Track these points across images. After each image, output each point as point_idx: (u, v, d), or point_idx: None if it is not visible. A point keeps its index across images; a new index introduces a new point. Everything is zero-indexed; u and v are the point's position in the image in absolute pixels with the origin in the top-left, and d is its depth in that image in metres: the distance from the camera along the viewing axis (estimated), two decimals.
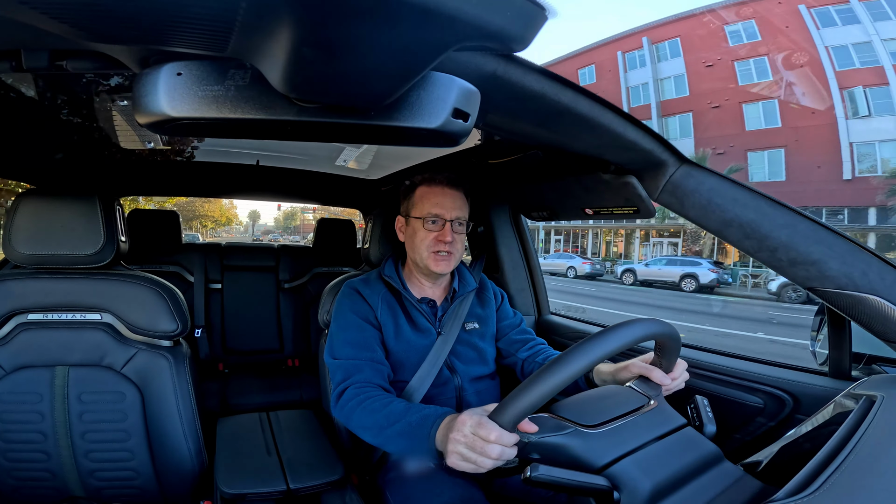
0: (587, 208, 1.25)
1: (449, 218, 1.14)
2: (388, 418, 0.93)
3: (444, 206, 1.14)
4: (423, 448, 0.85)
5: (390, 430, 0.92)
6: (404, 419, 0.91)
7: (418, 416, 0.89)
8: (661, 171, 0.92)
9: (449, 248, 1.13)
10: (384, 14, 0.32)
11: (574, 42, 55.51)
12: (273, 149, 2.04)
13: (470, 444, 0.74)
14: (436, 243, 1.13)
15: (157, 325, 1.13)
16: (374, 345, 1.11)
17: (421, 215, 1.14)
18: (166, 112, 0.44)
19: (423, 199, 1.15)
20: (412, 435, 0.87)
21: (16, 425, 1.09)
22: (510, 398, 0.70)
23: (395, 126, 0.51)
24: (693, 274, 15.81)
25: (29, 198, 1.06)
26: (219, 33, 0.38)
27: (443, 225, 1.13)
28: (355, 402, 1.00)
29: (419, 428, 0.87)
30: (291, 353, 2.50)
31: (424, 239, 1.14)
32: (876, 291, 0.75)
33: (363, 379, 1.05)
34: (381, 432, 0.94)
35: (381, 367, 1.09)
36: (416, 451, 0.87)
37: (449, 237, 1.13)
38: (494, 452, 0.71)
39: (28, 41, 0.54)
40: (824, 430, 0.70)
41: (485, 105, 0.56)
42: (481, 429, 0.72)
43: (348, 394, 1.03)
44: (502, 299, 1.34)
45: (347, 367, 1.07)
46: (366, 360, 1.08)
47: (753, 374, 1.11)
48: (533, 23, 0.38)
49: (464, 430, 0.75)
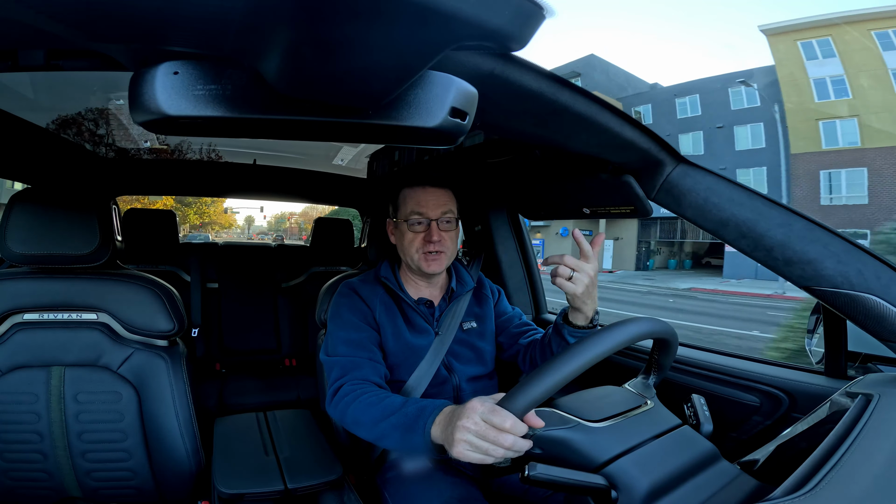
0: (585, 207, 1.25)
1: (434, 217, 1.12)
2: (383, 412, 0.91)
3: (427, 206, 1.12)
4: (418, 440, 0.82)
5: (385, 423, 0.89)
6: (400, 411, 0.88)
7: (415, 408, 0.87)
8: (658, 170, 0.93)
9: (439, 248, 1.11)
10: (382, 13, 0.32)
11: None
12: (270, 148, 2.04)
13: (481, 433, 0.70)
14: (424, 244, 1.11)
15: (153, 324, 1.13)
16: (371, 345, 1.10)
17: (405, 217, 1.13)
18: (163, 111, 0.44)
19: (406, 201, 1.14)
20: (408, 427, 0.85)
21: (12, 426, 1.08)
22: (521, 386, 0.70)
23: (393, 125, 0.51)
24: None
25: (24, 197, 1.05)
26: (216, 32, 0.38)
27: (428, 225, 1.12)
28: (351, 397, 0.99)
29: (416, 420, 0.84)
30: (289, 353, 2.50)
31: (413, 241, 1.12)
32: (872, 290, 0.75)
33: (360, 376, 1.04)
34: (375, 426, 0.91)
35: (378, 366, 1.08)
36: (412, 443, 0.84)
37: (436, 236, 1.11)
38: (507, 441, 0.68)
39: (24, 40, 0.54)
40: (820, 428, 0.70)
41: (482, 104, 0.56)
42: (495, 416, 0.69)
43: (344, 390, 1.02)
44: (499, 295, 1.34)
45: (344, 363, 1.06)
46: (363, 358, 1.07)
47: (750, 372, 1.11)
48: (531, 22, 0.38)
49: (474, 417, 0.71)
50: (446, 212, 1.13)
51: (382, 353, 1.13)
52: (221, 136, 0.51)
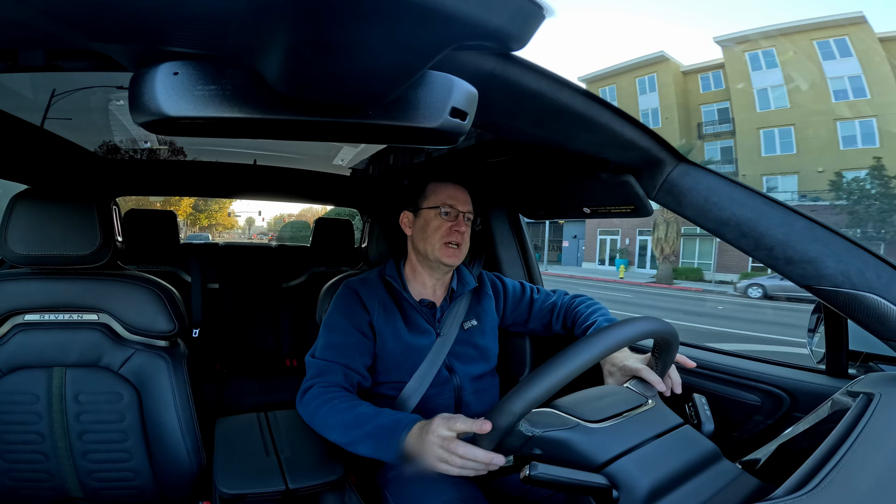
0: (585, 207, 1.25)
1: (463, 210, 1.17)
2: (357, 420, 0.95)
3: (457, 199, 1.18)
4: (391, 451, 0.88)
5: (359, 430, 0.94)
6: (374, 422, 0.93)
7: (390, 420, 0.92)
8: (658, 169, 0.93)
9: (460, 240, 1.16)
10: (382, 13, 0.32)
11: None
12: (270, 148, 2.04)
13: (445, 458, 0.79)
14: (449, 233, 1.15)
15: (154, 325, 1.13)
16: (354, 352, 1.11)
17: (436, 205, 1.17)
18: (163, 111, 0.44)
19: (437, 192, 1.19)
20: (382, 437, 0.90)
21: (13, 426, 1.08)
22: (504, 400, 0.70)
23: (393, 125, 0.51)
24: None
25: (25, 198, 1.05)
26: (216, 32, 0.38)
27: (456, 215, 1.16)
28: (321, 399, 1.02)
29: (390, 431, 0.89)
30: (289, 353, 2.49)
31: (438, 229, 1.15)
32: (873, 289, 0.75)
33: (331, 381, 1.07)
34: (348, 432, 0.96)
35: (352, 374, 1.10)
36: (384, 453, 0.90)
37: (463, 227, 1.16)
38: (478, 465, 0.76)
39: (24, 40, 0.54)
40: (822, 427, 0.70)
41: (483, 104, 0.56)
42: (454, 445, 0.77)
43: (314, 392, 1.05)
44: (503, 286, 1.34)
45: (321, 366, 1.09)
46: (340, 364, 1.09)
47: (751, 372, 1.11)
48: (531, 22, 0.38)
49: (434, 437, 0.80)
50: (470, 210, 1.19)
51: (374, 359, 1.14)
52: (222, 136, 0.50)
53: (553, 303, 1.31)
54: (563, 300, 1.31)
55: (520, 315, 1.32)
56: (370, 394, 1.16)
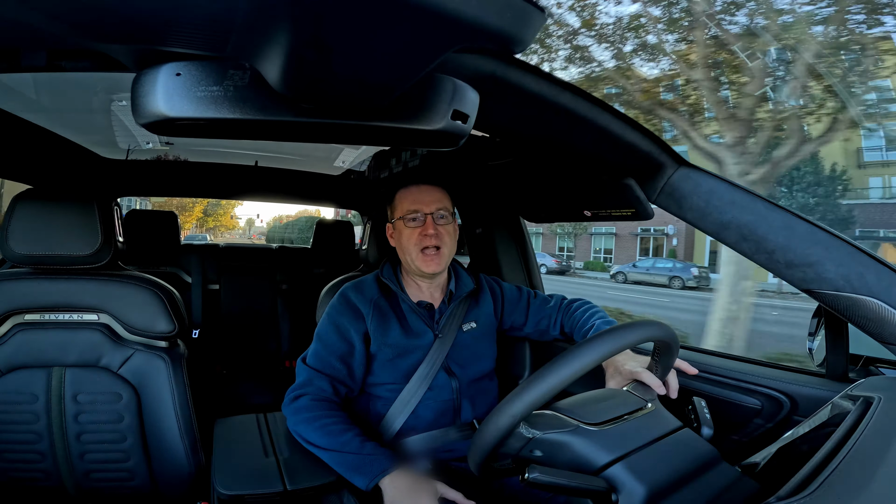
0: (586, 210, 1.25)
1: (428, 211, 1.14)
2: (343, 447, 0.99)
3: (421, 201, 1.15)
4: (364, 480, 0.94)
5: (339, 456, 0.99)
6: (360, 453, 0.98)
7: (371, 455, 0.97)
8: (659, 172, 0.92)
9: (436, 243, 1.13)
10: (384, 15, 0.32)
11: None
12: (272, 149, 2.04)
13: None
14: (421, 238, 1.13)
15: (154, 325, 1.13)
16: (344, 363, 1.12)
17: (402, 214, 1.15)
18: (165, 112, 0.44)
19: (403, 199, 1.17)
20: (361, 469, 0.96)
21: (11, 426, 1.08)
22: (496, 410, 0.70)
23: (395, 127, 0.52)
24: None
25: (26, 198, 1.05)
26: (218, 33, 0.38)
27: (423, 219, 1.14)
28: (312, 416, 1.04)
29: (371, 465, 0.95)
30: (289, 354, 2.49)
31: (410, 238, 1.14)
32: (873, 294, 0.75)
33: (318, 390, 1.08)
34: (330, 455, 1.00)
35: (340, 387, 1.11)
36: (357, 480, 0.95)
37: (431, 229, 1.13)
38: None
39: (26, 40, 0.54)
40: (822, 431, 0.70)
41: (484, 106, 0.56)
42: None
43: (303, 402, 1.07)
44: (500, 289, 1.33)
45: (310, 374, 1.10)
46: (328, 375, 1.10)
47: (751, 375, 1.11)
48: (532, 24, 0.38)
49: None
50: (441, 207, 1.15)
51: (370, 362, 1.14)
52: (223, 137, 0.51)
53: (551, 306, 1.30)
54: (560, 304, 1.30)
55: (517, 319, 1.31)
56: (369, 395, 1.16)
